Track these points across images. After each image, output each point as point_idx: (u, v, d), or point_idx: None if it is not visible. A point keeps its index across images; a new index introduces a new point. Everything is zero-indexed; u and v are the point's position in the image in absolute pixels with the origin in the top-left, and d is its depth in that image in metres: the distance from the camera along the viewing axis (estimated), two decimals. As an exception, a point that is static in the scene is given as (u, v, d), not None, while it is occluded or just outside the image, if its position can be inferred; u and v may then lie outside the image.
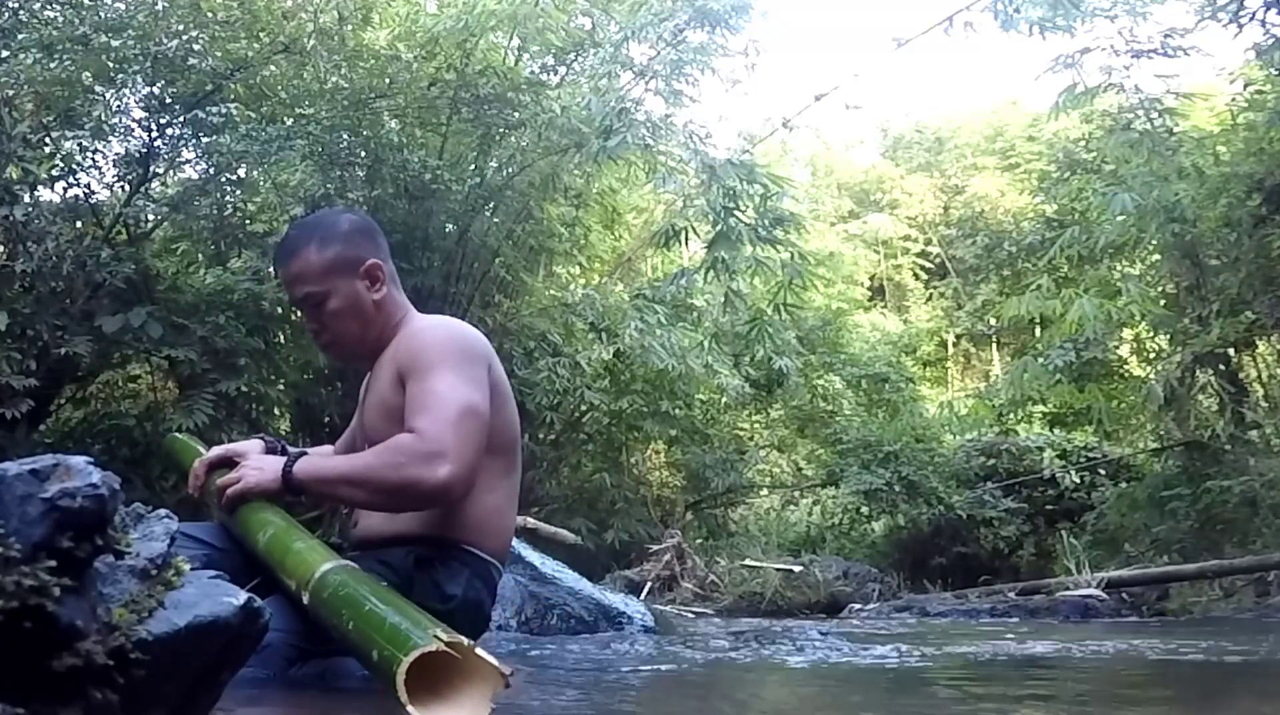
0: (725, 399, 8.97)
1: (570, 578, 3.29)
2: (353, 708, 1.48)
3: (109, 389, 6.51)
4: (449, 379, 1.64)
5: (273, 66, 6.26)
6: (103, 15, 5.48)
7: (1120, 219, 7.04)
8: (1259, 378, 7.36)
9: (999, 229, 15.12)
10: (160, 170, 6.13)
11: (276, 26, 5.99)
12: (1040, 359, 8.11)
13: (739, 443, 9.98)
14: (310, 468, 1.70)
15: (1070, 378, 7.98)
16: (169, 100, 5.77)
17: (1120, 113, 7.47)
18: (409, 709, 1.06)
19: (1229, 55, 18.62)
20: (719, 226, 6.76)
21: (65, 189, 5.66)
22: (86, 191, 5.68)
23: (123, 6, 5.63)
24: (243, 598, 0.85)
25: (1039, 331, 11.89)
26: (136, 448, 5.65)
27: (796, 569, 6.35)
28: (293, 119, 6.17)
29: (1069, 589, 5.55)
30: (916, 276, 18.44)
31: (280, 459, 1.73)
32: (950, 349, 17.11)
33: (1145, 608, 5.36)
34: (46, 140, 5.39)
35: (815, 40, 32.01)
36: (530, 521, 5.05)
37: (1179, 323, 7.03)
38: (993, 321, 15.02)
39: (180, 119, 5.87)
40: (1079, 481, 8.84)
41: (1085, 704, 1.74)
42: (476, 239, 7.03)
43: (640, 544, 7.20)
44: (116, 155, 5.94)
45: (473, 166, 7.04)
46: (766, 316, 7.49)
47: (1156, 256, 7.70)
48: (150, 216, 6.05)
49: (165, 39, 5.34)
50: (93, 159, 5.78)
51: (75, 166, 5.56)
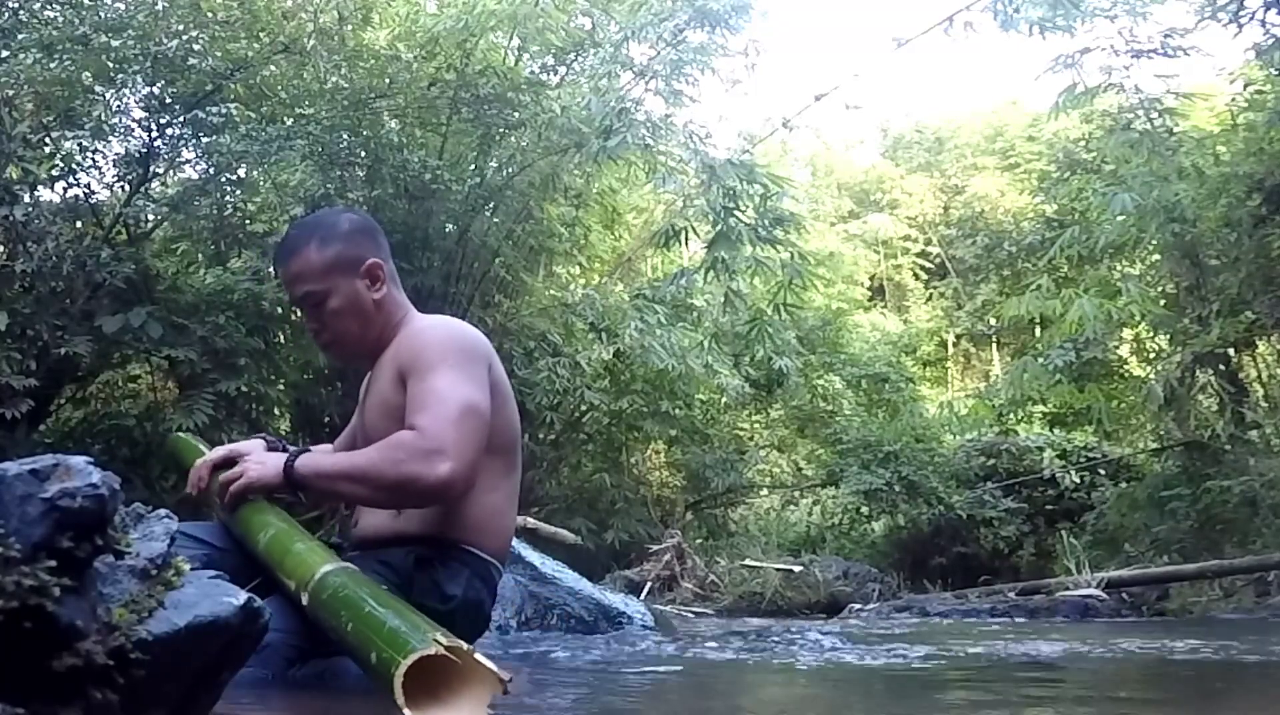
0: (725, 399, 8.97)
1: (570, 578, 3.29)
2: (353, 708, 1.48)
3: (109, 389, 6.51)
4: (450, 377, 1.64)
5: (273, 66, 6.26)
6: (103, 15, 5.48)
7: (1120, 219, 7.04)
8: (1259, 378, 7.36)
9: (999, 229, 15.12)
10: (160, 170, 6.12)
11: (276, 26, 5.99)
12: (1040, 359, 8.10)
13: (739, 443, 9.98)
14: (311, 464, 1.71)
15: (1070, 378, 7.98)
16: (169, 100, 5.77)
17: (1120, 113, 7.47)
18: (406, 712, 1.06)
19: (1229, 55, 18.63)
20: (719, 226, 6.76)
21: (65, 189, 5.66)
22: (86, 191, 5.68)
23: (123, 6, 5.62)
24: (243, 598, 0.85)
25: (1039, 331, 11.89)
26: (136, 448, 5.65)
27: (796, 569, 6.35)
28: (293, 119, 6.17)
29: (1069, 589, 5.55)
30: (916, 276, 18.43)
31: (282, 455, 1.73)
32: (950, 349, 17.11)
33: (1145, 608, 5.36)
34: (46, 140, 5.39)
35: (815, 40, 32.04)
36: (530, 521, 5.05)
37: (1179, 323, 7.03)
38: (993, 321, 15.02)
39: (180, 119, 5.87)
40: (1079, 481, 8.84)
41: (1088, 704, 1.73)
42: (476, 239, 7.03)
43: (640, 544, 7.20)
44: (116, 155, 5.94)
45: (473, 166, 7.04)
46: (766, 316, 7.49)
47: (1156, 256, 7.70)
48: (150, 216, 6.05)
49: (165, 39, 5.34)
50: (93, 159, 5.78)
51: (75, 166, 5.55)
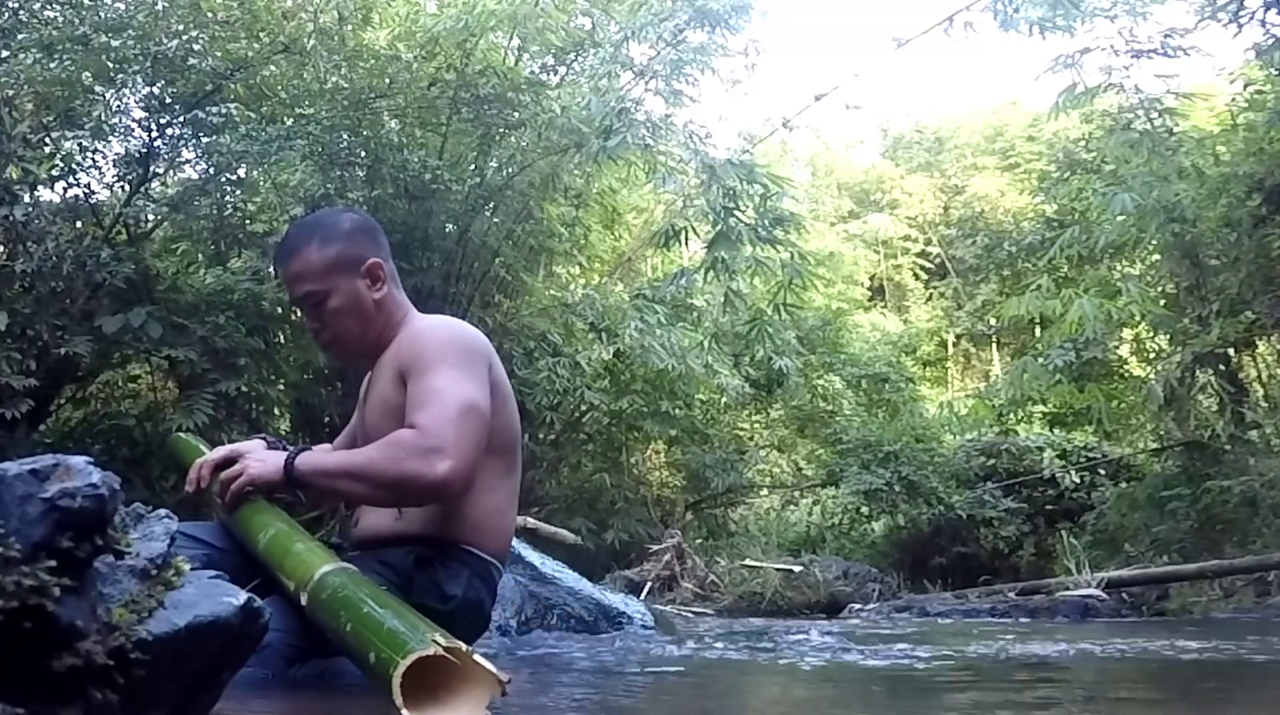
0: (725, 399, 8.97)
1: (570, 578, 3.29)
2: (353, 708, 1.48)
3: (109, 389, 6.51)
4: (450, 376, 1.64)
5: (273, 66, 6.26)
6: (103, 15, 5.48)
7: (1120, 219, 7.04)
8: (1259, 378, 7.36)
9: (999, 229, 15.12)
10: (160, 170, 6.12)
11: (276, 26, 5.99)
12: (1040, 359, 8.10)
13: (739, 443, 9.98)
14: (312, 461, 1.70)
15: (1070, 378, 7.98)
16: (169, 100, 5.77)
17: (1120, 113, 7.47)
18: (404, 713, 1.06)
19: (1229, 55, 18.63)
20: (719, 226, 6.76)
21: (65, 189, 5.66)
22: (86, 191, 5.68)
23: (123, 6, 5.62)
24: (243, 598, 0.85)
25: (1039, 331, 11.89)
26: (136, 448, 5.65)
27: (796, 569, 6.34)
28: (293, 119, 6.16)
29: (1069, 589, 5.55)
30: (916, 276, 18.43)
31: (282, 453, 1.73)
32: (950, 349, 17.11)
33: (1145, 608, 5.36)
34: (46, 140, 5.39)
35: (815, 40, 32.04)
36: (530, 521, 5.05)
37: (1179, 323, 7.03)
38: (993, 321, 15.01)
39: (180, 119, 5.87)
40: (1079, 481, 8.84)
41: (1089, 704, 1.73)
42: (476, 239, 7.03)
43: (640, 544, 7.20)
44: (116, 155, 5.94)
45: (473, 166, 7.04)
46: (766, 316, 7.48)
47: (1156, 256, 7.70)
48: (150, 216, 6.05)
49: (165, 39, 5.34)
50: (93, 159, 5.78)
51: (75, 166, 5.55)
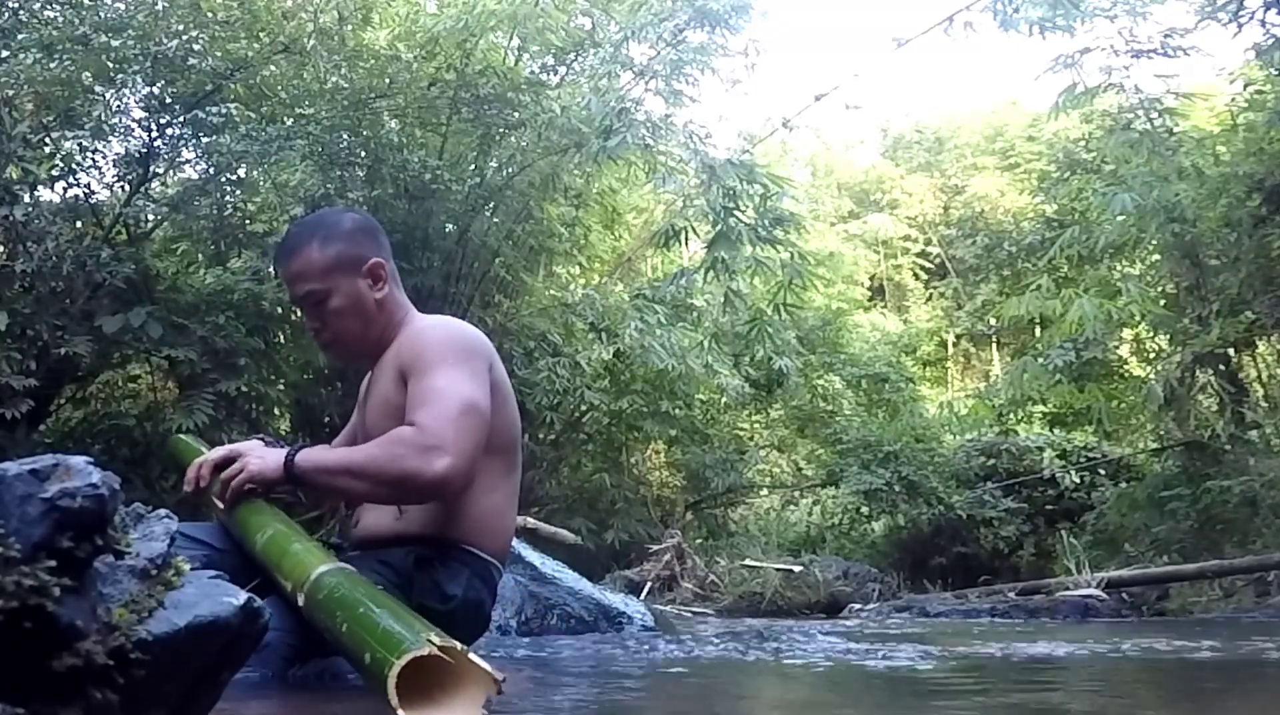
0: (725, 399, 8.98)
1: (570, 578, 3.29)
2: (352, 708, 1.48)
3: (109, 389, 6.52)
4: (450, 375, 1.64)
5: (273, 66, 6.27)
6: (103, 15, 5.49)
7: (1120, 219, 7.04)
8: (1259, 378, 7.36)
9: (999, 229, 15.12)
10: (160, 170, 6.13)
11: (276, 26, 5.99)
12: (1040, 359, 8.10)
13: (739, 443, 9.99)
14: (312, 458, 1.70)
15: (1070, 378, 7.98)
16: (169, 100, 5.78)
17: (1120, 113, 7.47)
18: (400, 713, 1.06)
19: (1229, 55, 18.65)
20: (719, 226, 6.76)
21: (65, 189, 5.67)
22: (86, 191, 5.69)
23: (123, 6, 5.63)
24: (243, 598, 0.85)
25: (1039, 331, 11.89)
26: (136, 448, 5.65)
27: (796, 569, 6.34)
28: (293, 119, 6.17)
29: (1069, 589, 5.55)
30: (916, 276, 18.44)
31: (282, 450, 1.73)
32: (950, 349, 17.11)
33: (1145, 608, 5.36)
34: (46, 140, 5.40)
35: (815, 40, 32.06)
36: (530, 521, 5.05)
37: (1179, 323, 7.03)
38: (993, 321, 15.01)
39: (180, 119, 5.87)
40: (1079, 481, 8.84)
41: (1089, 705, 1.73)
42: (476, 239, 7.04)
43: (640, 544, 7.20)
44: (116, 155, 5.95)
45: (473, 166, 7.04)
46: (766, 316, 7.49)
47: (1156, 256, 7.70)
48: (150, 216, 6.05)
49: (165, 39, 5.34)
50: (93, 159, 5.79)
51: (75, 166, 5.56)
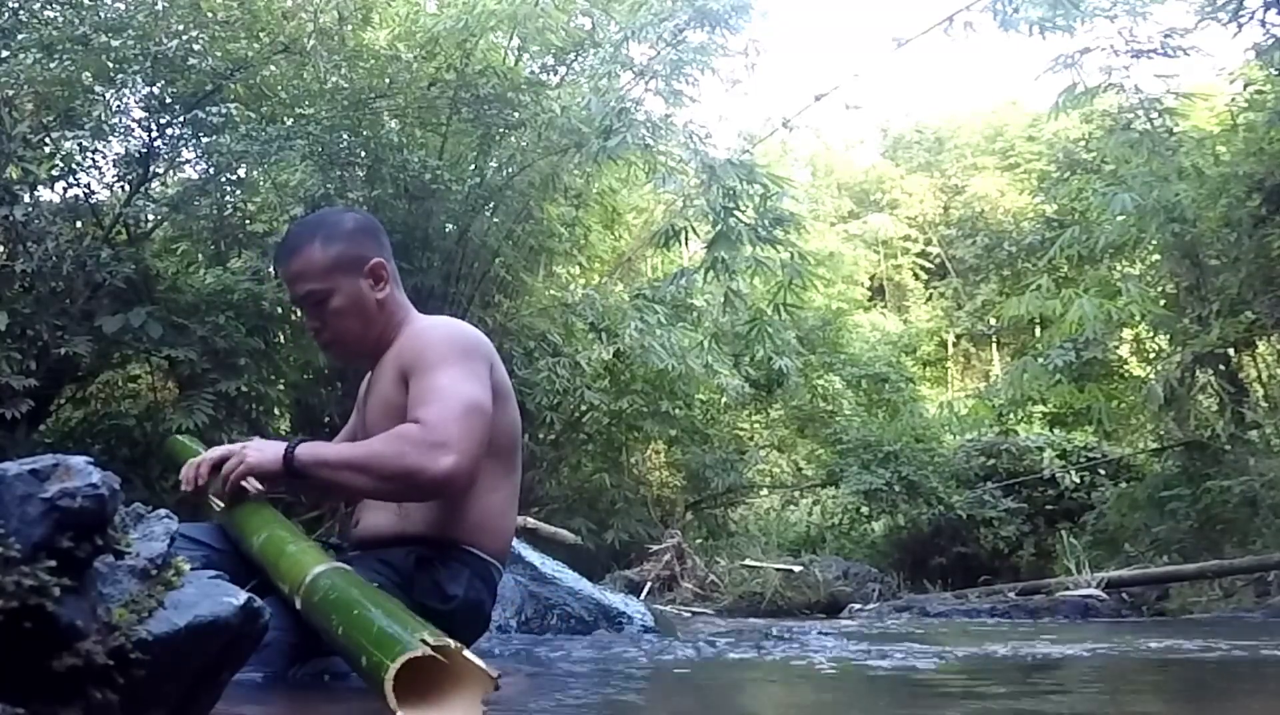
0: (725, 399, 8.98)
1: (570, 578, 3.29)
2: (352, 708, 1.48)
3: (109, 389, 6.51)
4: (453, 375, 1.64)
5: (273, 66, 6.27)
6: (103, 15, 5.48)
7: (1120, 219, 7.04)
8: (1259, 378, 7.36)
9: (999, 229, 15.12)
10: (160, 170, 6.13)
11: (276, 26, 5.99)
12: (1040, 359, 8.11)
13: (739, 443, 9.98)
14: (313, 452, 1.68)
15: (1070, 378, 7.98)
16: (169, 100, 5.78)
17: (1120, 113, 7.47)
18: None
19: (1229, 55, 18.64)
20: (719, 226, 6.76)
21: (65, 189, 5.67)
22: (86, 191, 5.69)
23: (123, 6, 5.63)
24: (243, 598, 0.85)
25: (1039, 331, 11.89)
26: (136, 448, 5.65)
27: (796, 569, 6.35)
28: (293, 119, 6.17)
29: (1069, 589, 5.56)
30: (916, 276, 18.44)
31: (281, 443, 1.70)
32: (950, 349, 17.11)
33: (1145, 608, 5.37)
34: (46, 140, 5.40)
35: (815, 40, 32.08)
36: (530, 521, 5.05)
37: (1179, 323, 7.03)
38: (993, 321, 15.02)
39: (180, 119, 5.87)
40: (1079, 481, 8.84)
41: (1090, 705, 1.73)
42: (476, 239, 7.03)
43: (640, 544, 7.20)
44: (116, 155, 5.95)
45: (473, 166, 7.04)
46: (766, 316, 7.49)
47: (1156, 256, 7.70)
48: (150, 216, 6.05)
49: (165, 39, 5.34)
50: (93, 159, 5.79)
51: (75, 166, 5.56)
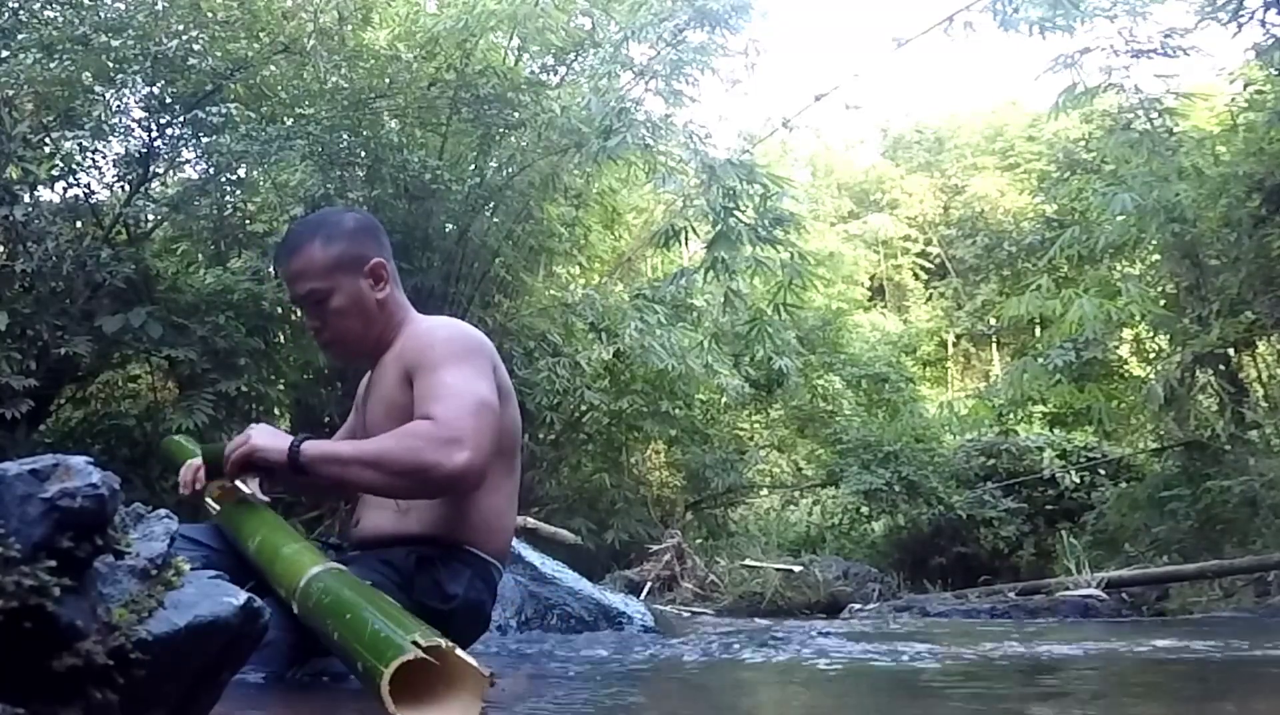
0: (725, 399, 8.97)
1: (570, 578, 3.29)
2: (352, 708, 1.48)
3: (109, 389, 6.51)
4: (461, 373, 1.64)
5: (273, 66, 6.27)
6: (103, 15, 5.48)
7: (1120, 219, 7.04)
8: (1259, 378, 7.36)
9: (999, 229, 15.13)
10: (160, 170, 6.13)
11: (276, 26, 5.99)
12: (1040, 359, 8.10)
13: (739, 443, 9.98)
14: (320, 448, 1.65)
15: (1070, 378, 7.98)
16: (169, 100, 5.78)
17: (1120, 113, 7.46)
18: None
19: (1229, 55, 18.63)
20: (719, 226, 6.76)
21: (65, 189, 5.67)
22: (86, 191, 5.69)
23: (123, 6, 5.63)
24: (243, 598, 0.85)
25: (1039, 331, 11.89)
26: (136, 448, 5.65)
27: (796, 569, 6.34)
28: (293, 119, 6.17)
29: (1069, 589, 5.55)
30: (916, 276, 18.45)
31: (288, 437, 1.67)
32: (950, 349, 17.12)
33: (1145, 608, 5.36)
34: (46, 140, 5.39)
35: (815, 40, 32.10)
36: (530, 521, 5.05)
37: (1179, 323, 7.03)
38: (993, 321, 15.02)
39: (180, 119, 5.87)
40: (1079, 481, 8.84)
41: (1090, 704, 1.73)
42: (476, 239, 7.03)
43: (640, 544, 7.20)
44: (116, 155, 5.95)
45: (473, 166, 7.04)
46: (766, 316, 7.48)
47: (1156, 256, 7.69)
48: (150, 216, 6.05)
49: (165, 39, 5.34)
50: (93, 159, 5.79)
51: (75, 166, 5.55)
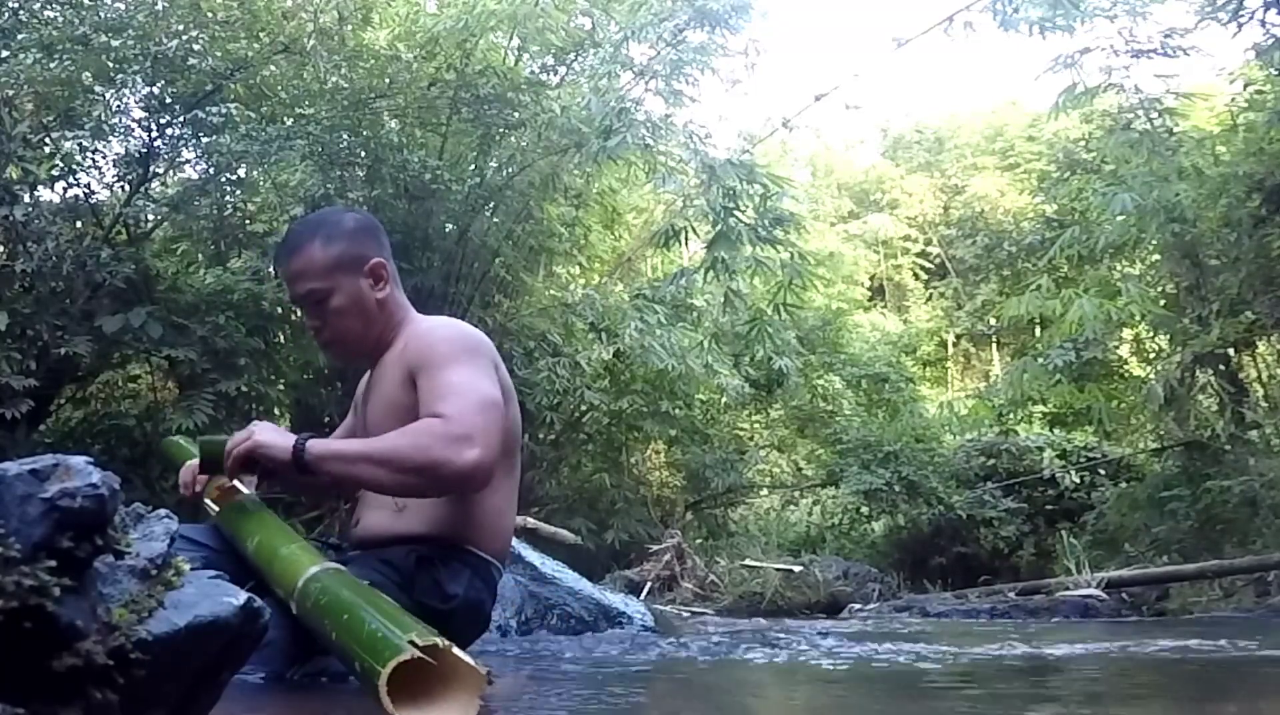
0: (725, 399, 8.97)
1: (570, 578, 3.30)
2: (352, 708, 1.48)
3: (109, 389, 6.51)
4: (466, 372, 1.64)
5: (273, 66, 6.26)
6: (103, 15, 5.48)
7: (1120, 219, 7.04)
8: (1259, 378, 7.36)
9: (999, 229, 15.14)
10: (160, 170, 6.13)
11: (276, 26, 5.99)
12: (1040, 359, 8.10)
13: (739, 443, 9.98)
14: (325, 447, 1.63)
15: (1070, 378, 7.98)
16: (169, 100, 5.77)
17: (1120, 113, 7.46)
18: None
19: (1229, 55, 18.64)
20: (719, 226, 6.76)
21: (65, 189, 5.66)
22: (86, 191, 5.68)
23: (123, 6, 5.63)
24: (243, 598, 0.85)
25: (1039, 331, 11.89)
26: (136, 448, 5.65)
27: (796, 569, 6.34)
28: (293, 119, 6.17)
29: (1069, 589, 5.55)
30: (916, 276, 18.45)
31: (292, 436, 1.66)
32: (950, 349, 17.12)
33: (1145, 608, 5.36)
34: (46, 140, 5.39)
35: (815, 40, 32.10)
36: (530, 521, 5.05)
37: (1179, 323, 7.03)
38: (993, 321, 15.02)
39: (180, 119, 5.87)
40: (1079, 481, 8.85)
41: (1090, 704, 1.73)
42: (476, 239, 7.03)
43: (640, 544, 7.20)
44: (116, 155, 5.95)
45: (473, 166, 7.04)
46: (766, 316, 7.48)
47: (1156, 256, 7.70)
48: (150, 216, 6.05)
49: (165, 39, 5.34)
50: (93, 159, 5.78)
51: (75, 166, 5.55)
